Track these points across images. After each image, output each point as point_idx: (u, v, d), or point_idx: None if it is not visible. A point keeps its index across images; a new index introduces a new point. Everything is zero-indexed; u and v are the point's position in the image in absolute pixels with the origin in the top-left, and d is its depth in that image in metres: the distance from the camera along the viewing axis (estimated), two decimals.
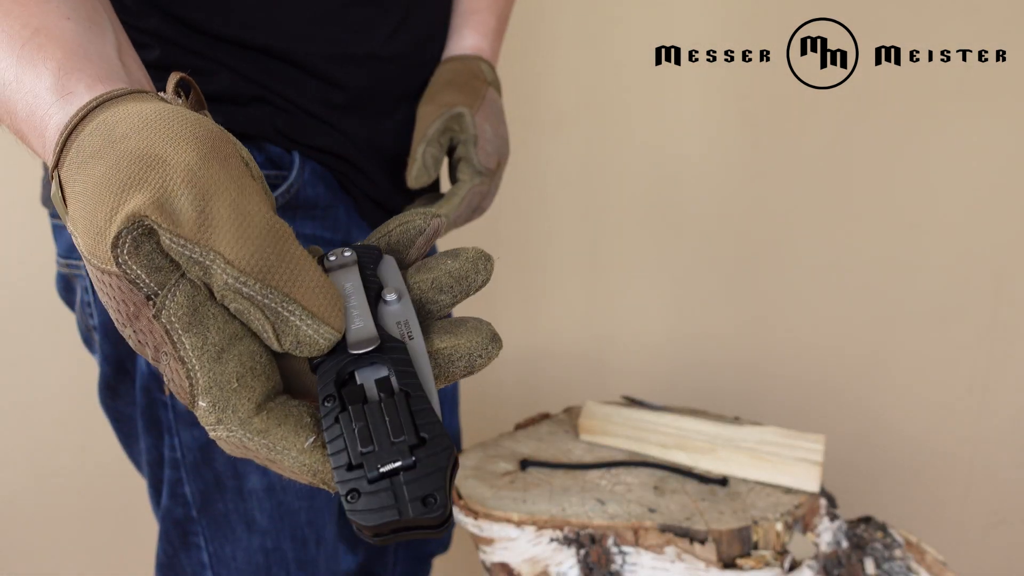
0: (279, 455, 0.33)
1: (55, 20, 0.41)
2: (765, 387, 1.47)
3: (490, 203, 0.79)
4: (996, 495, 1.50)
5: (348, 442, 0.32)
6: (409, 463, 0.32)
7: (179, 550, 0.73)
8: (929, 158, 1.36)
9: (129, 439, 0.77)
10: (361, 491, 0.32)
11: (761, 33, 1.24)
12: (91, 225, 0.34)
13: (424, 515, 0.31)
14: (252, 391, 0.33)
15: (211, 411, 0.33)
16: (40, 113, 0.39)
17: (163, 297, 0.33)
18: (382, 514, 0.31)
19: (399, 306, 0.37)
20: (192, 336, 0.33)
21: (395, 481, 0.32)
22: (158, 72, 0.66)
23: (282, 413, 0.33)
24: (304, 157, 0.71)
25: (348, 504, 0.31)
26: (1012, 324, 1.41)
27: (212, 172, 0.34)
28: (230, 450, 0.34)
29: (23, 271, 1.29)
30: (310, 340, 0.33)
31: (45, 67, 0.40)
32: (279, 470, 0.34)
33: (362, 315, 0.35)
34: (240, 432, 0.33)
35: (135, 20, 0.65)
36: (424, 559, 1.02)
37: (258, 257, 0.33)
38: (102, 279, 0.34)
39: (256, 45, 0.67)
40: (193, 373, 0.33)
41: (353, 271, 0.38)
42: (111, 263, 0.33)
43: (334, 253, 0.38)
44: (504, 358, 1.51)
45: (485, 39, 0.81)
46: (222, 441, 0.34)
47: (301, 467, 0.33)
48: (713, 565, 0.76)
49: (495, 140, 0.77)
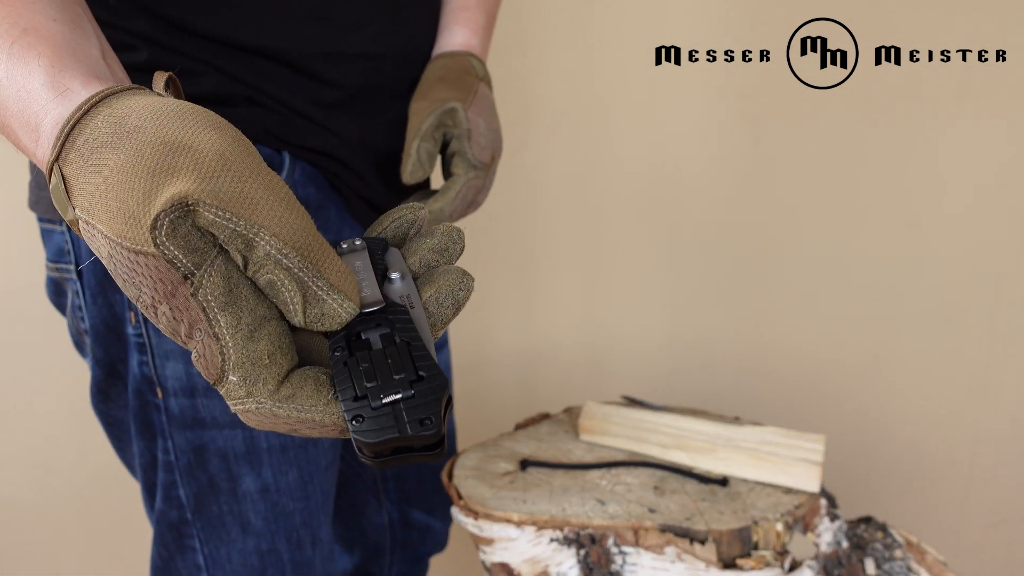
0: (308, 413, 0.36)
1: (43, 21, 0.43)
2: (765, 387, 1.47)
3: (485, 197, 0.79)
4: (996, 495, 1.50)
5: (354, 379, 0.36)
6: (409, 395, 0.36)
7: (174, 553, 0.73)
8: (929, 158, 1.36)
9: (122, 443, 0.76)
10: (365, 416, 0.35)
11: (761, 33, 1.24)
12: (122, 209, 0.35)
13: (421, 433, 0.35)
14: (280, 367, 0.36)
15: (241, 384, 0.36)
16: (34, 108, 0.40)
17: (200, 276, 0.35)
18: (383, 432, 0.35)
19: (402, 284, 0.41)
20: (227, 315, 0.35)
21: (396, 407, 0.36)
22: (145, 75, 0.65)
23: (302, 378, 0.37)
24: (294, 158, 0.70)
25: (353, 427, 0.35)
26: (1012, 324, 1.41)
27: (241, 156, 0.36)
28: (255, 422, 0.37)
29: (20, 272, 1.29)
30: (334, 313, 0.37)
31: (37, 64, 0.41)
32: (308, 431, 0.37)
33: (370, 286, 0.40)
34: (270, 403, 0.36)
35: (122, 21, 0.64)
36: (421, 559, 1.01)
37: (298, 233, 0.36)
38: (136, 260, 0.36)
39: (245, 45, 0.66)
40: (227, 350, 0.35)
41: (363, 255, 0.42)
42: (149, 244, 0.35)
43: (346, 242, 0.42)
44: (504, 358, 1.51)
45: (475, 35, 0.81)
46: (249, 413, 0.36)
47: (331, 416, 0.36)
48: (713, 565, 0.76)
49: (489, 134, 0.77)
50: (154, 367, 0.68)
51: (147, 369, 0.68)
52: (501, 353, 1.49)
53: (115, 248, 0.36)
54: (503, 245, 1.45)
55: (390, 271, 0.41)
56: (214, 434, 0.69)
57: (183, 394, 0.69)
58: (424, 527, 0.98)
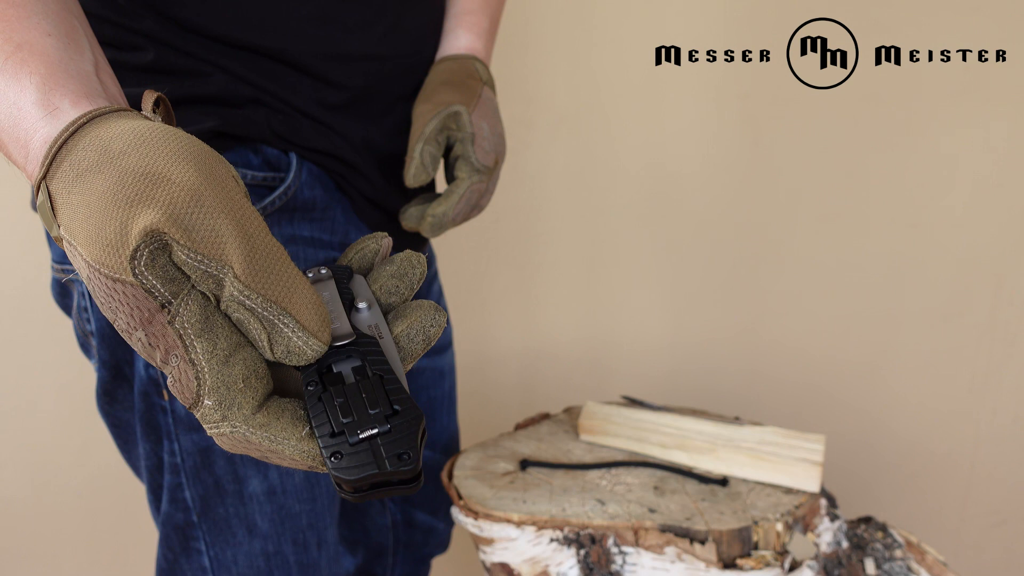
0: (280, 445, 0.36)
1: (37, 36, 0.43)
2: (765, 387, 1.47)
3: (488, 201, 0.79)
4: (996, 495, 1.50)
5: (330, 415, 0.37)
6: (385, 429, 0.36)
7: (180, 555, 0.73)
8: (929, 158, 1.36)
9: (128, 444, 0.76)
10: (343, 452, 0.36)
11: (761, 33, 1.24)
12: (99, 237, 0.36)
13: (400, 468, 0.35)
14: (255, 392, 0.37)
15: (216, 409, 0.36)
16: (25, 125, 0.41)
17: (177, 305, 0.36)
18: (362, 469, 0.35)
19: (369, 313, 0.41)
20: (203, 341, 0.36)
21: (373, 443, 0.36)
22: (152, 75, 0.66)
23: (279, 408, 0.37)
24: (301, 159, 0.70)
25: (332, 463, 0.35)
26: (1012, 324, 1.41)
27: (214, 191, 0.37)
28: (229, 446, 0.37)
29: (23, 272, 1.29)
30: (299, 350, 0.37)
31: (29, 81, 0.41)
32: (278, 460, 0.37)
33: (338, 317, 0.40)
34: (244, 427, 0.36)
35: (129, 21, 0.64)
36: (423, 560, 1.01)
37: (262, 273, 0.36)
38: (113, 287, 0.36)
39: (250, 45, 0.66)
40: (202, 375, 0.36)
41: (330, 284, 0.42)
42: (127, 273, 0.35)
43: (312, 271, 0.43)
44: (504, 358, 1.51)
45: (479, 39, 0.81)
46: (224, 437, 0.37)
47: (301, 453, 0.36)
48: (713, 565, 0.76)
49: (492, 138, 0.77)
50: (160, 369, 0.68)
51: (153, 371, 0.68)
52: (501, 353, 1.49)
53: (93, 272, 0.37)
54: (503, 245, 1.45)
55: (356, 300, 0.42)
56: None
57: None
58: (427, 528, 0.98)
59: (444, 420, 0.96)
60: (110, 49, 0.65)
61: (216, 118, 0.66)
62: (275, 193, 0.69)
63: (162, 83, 0.65)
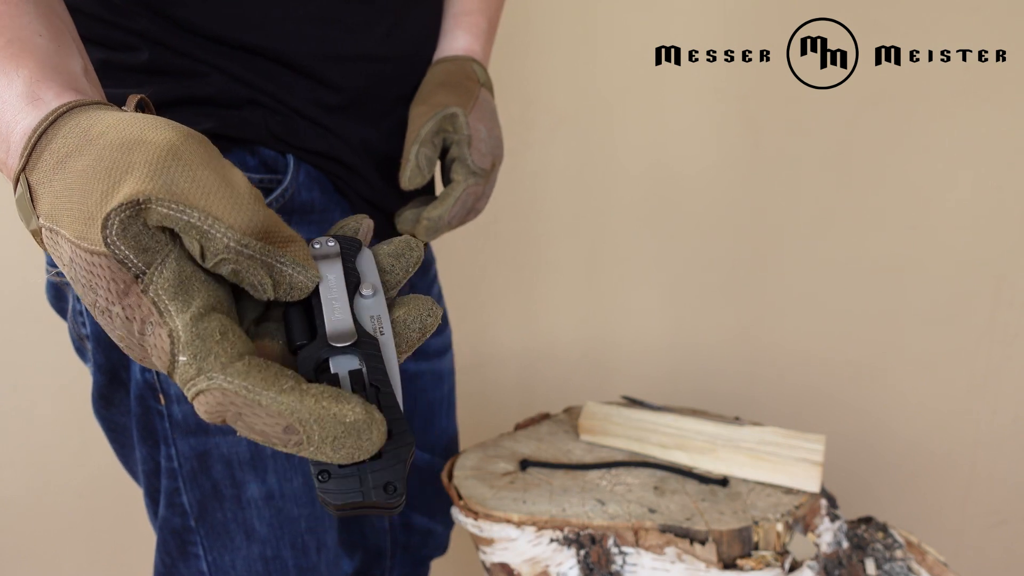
0: (257, 396, 0.34)
1: (28, 35, 0.44)
2: (765, 387, 1.47)
3: (485, 204, 0.79)
4: (997, 496, 1.50)
5: None
6: (375, 455, 0.36)
7: (177, 560, 0.72)
8: (929, 158, 1.36)
9: (124, 449, 0.76)
10: (332, 473, 0.35)
11: (761, 33, 1.24)
12: (82, 211, 0.36)
13: (386, 501, 0.35)
14: (233, 345, 0.36)
15: (192, 363, 0.35)
16: (7, 118, 0.41)
17: (151, 274, 0.36)
18: (348, 496, 0.35)
19: (373, 301, 0.40)
20: (177, 303, 0.36)
21: (362, 468, 0.35)
22: (147, 76, 0.65)
23: (261, 364, 0.36)
24: (299, 160, 0.70)
25: (319, 483, 0.35)
26: (1012, 325, 1.41)
27: (192, 147, 0.37)
28: (206, 405, 0.36)
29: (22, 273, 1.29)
30: (301, 284, 0.39)
31: (17, 75, 0.41)
32: (254, 418, 0.35)
33: (341, 307, 0.39)
34: (221, 376, 0.35)
35: (124, 20, 0.64)
36: (422, 562, 1.01)
37: (255, 219, 0.37)
38: (93, 261, 0.36)
39: (249, 45, 0.66)
40: (175, 333, 0.35)
41: (336, 263, 0.41)
42: (101, 243, 0.35)
43: (319, 241, 0.42)
44: (504, 358, 1.51)
45: (477, 41, 0.81)
46: (201, 397, 0.35)
47: (280, 405, 0.34)
48: (713, 566, 0.76)
49: (489, 140, 0.76)
50: (157, 373, 0.68)
51: (150, 375, 0.68)
52: (501, 353, 1.49)
53: (75, 251, 0.37)
54: (503, 245, 1.45)
55: (362, 285, 0.41)
56: (218, 440, 0.69)
57: (186, 400, 0.68)
58: (425, 531, 0.98)
59: (443, 423, 0.96)
60: (103, 49, 0.65)
61: (213, 119, 0.65)
62: (273, 195, 0.69)
63: (157, 83, 0.65)
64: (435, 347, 0.93)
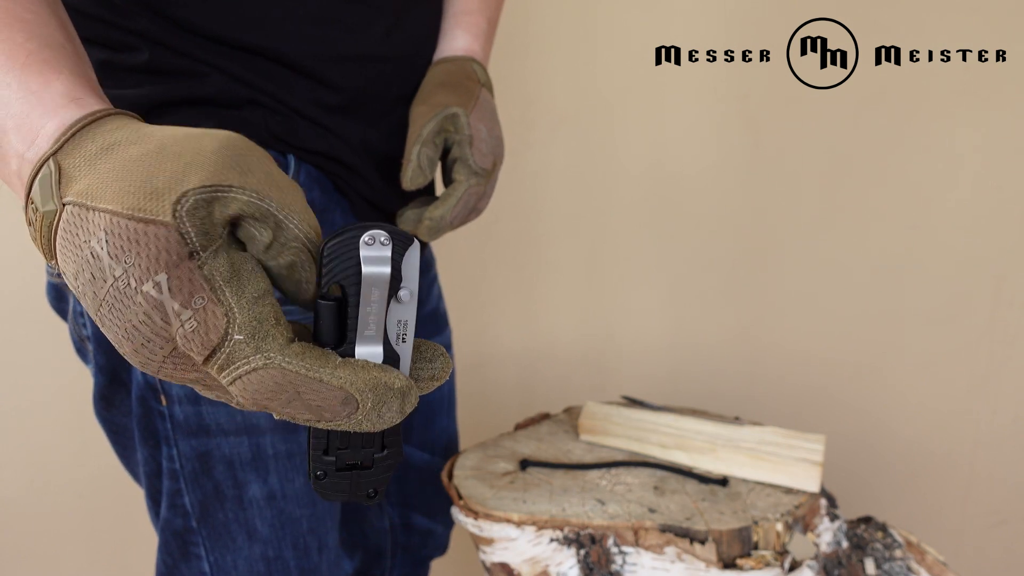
0: (316, 373, 0.37)
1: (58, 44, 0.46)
2: (765, 387, 1.47)
3: (486, 204, 0.79)
4: (996, 495, 1.50)
5: (330, 436, 0.41)
6: (368, 464, 0.42)
7: (179, 561, 0.73)
8: (929, 158, 1.36)
9: (126, 450, 0.76)
10: (328, 474, 0.42)
11: (761, 33, 1.24)
12: (141, 188, 0.37)
13: (366, 502, 0.43)
14: (287, 329, 0.38)
15: (250, 342, 0.36)
16: (42, 111, 0.42)
17: (208, 254, 0.37)
18: (336, 495, 0.42)
19: (406, 306, 0.40)
20: (233, 285, 0.37)
21: (353, 474, 0.41)
22: (147, 76, 0.65)
23: (309, 346, 0.38)
24: (299, 161, 0.70)
25: (315, 479, 0.42)
26: (1012, 325, 1.41)
27: (252, 145, 0.40)
28: (255, 385, 0.37)
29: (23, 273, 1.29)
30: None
31: (56, 79, 0.43)
32: (312, 395, 0.37)
33: (376, 325, 0.39)
34: (280, 357, 0.36)
35: (124, 20, 0.64)
36: (422, 562, 1.01)
37: (314, 218, 0.40)
38: (144, 231, 0.37)
39: (249, 45, 0.66)
40: (232, 313, 0.36)
41: (385, 269, 0.38)
42: (167, 215, 0.36)
43: (371, 235, 0.38)
44: (504, 358, 1.51)
45: (476, 41, 0.81)
46: (255, 374, 0.37)
47: (339, 380, 0.37)
48: (713, 565, 0.76)
49: (490, 140, 0.76)
50: None
51: (151, 376, 0.68)
52: (501, 353, 1.49)
53: (117, 222, 0.37)
54: (504, 245, 1.45)
55: (402, 291, 0.40)
56: (219, 441, 0.69)
57: (188, 401, 0.68)
58: (425, 531, 0.98)
59: (443, 423, 0.96)
60: (104, 49, 0.65)
61: (213, 120, 0.65)
62: None
63: (157, 84, 0.65)
64: None
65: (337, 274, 0.38)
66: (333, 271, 0.38)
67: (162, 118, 0.65)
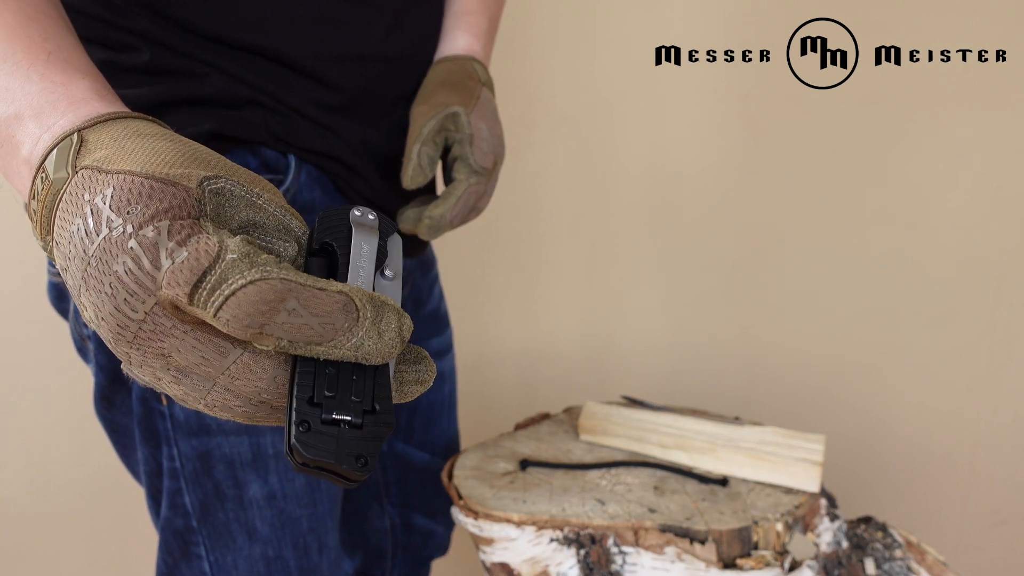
0: (315, 282, 0.35)
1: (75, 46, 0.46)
2: (765, 387, 1.47)
3: (487, 203, 0.79)
4: (996, 495, 1.50)
5: (317, 379, 0.36)
6: (357, 422, 0.36)
7: (179, 560, 0.73)
8: (929, 158, 1.36)
9: (126, 449, 0.76)
10: (312, 426, 0.35)
11: (761, 33, 1.24)
12: (174, 159, 0.38)
13: (353, 469, 0.35)
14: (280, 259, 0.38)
15: (244, 259, 0.35)
16: (69, 100, 0.42)
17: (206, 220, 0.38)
18: (320, 452, 0.35)
19: (391, 284, 0.41)
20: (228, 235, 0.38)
21: (341, 431, 0.36)
22: (147, 76, 0.65)
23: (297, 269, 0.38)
24: (300, 160, 0.70)
25: (298, 432, 0.35)
26: (1012, 324, 1.41)
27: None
28: (257, 298, 0.34)
29: (23, 272, 1.29)
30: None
31: (83, 78, 0.44)
32: (314, 303, 0.35)
33: (365, 278, 0.40)
34: (276, 270, 0.35)
35: (124, 20, 0.64)
36: (422, 563, 1.01)
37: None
38: (162, 188, 0.37)
39: (249, 45, 0.66)
40: (225, 242, 0.35)
41: (373, 236, 0.41)
42: (191, 182, 0.38)
43: (360, 209, 0.42)
44: (505, 358, 1.51)
45: (477, 40, 0.81)
46: (252, 287, 0.34)
47: (337, 287, 0.36)
48: (713, 565, 0.76)
49: (491, 139, 0.76)
50: None
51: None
52: (502, 353, 1.49)
53: (130, 180, 0.37)
54: (504, 245, 1.45)
55: (386, 266, 0.41)
56: (220, 441, 0.69)
57: None
58: (426, 531, 0.98)
59: (444, 423, 0.96)
60: (104, 49, 0.65)
61: (214, 120, 0.66)
62: None
63: (158, 84, 0.65)
64: (436, 347, 0.93)
65: (328, 232, 0.40)
66: (325, 230, 0.40)
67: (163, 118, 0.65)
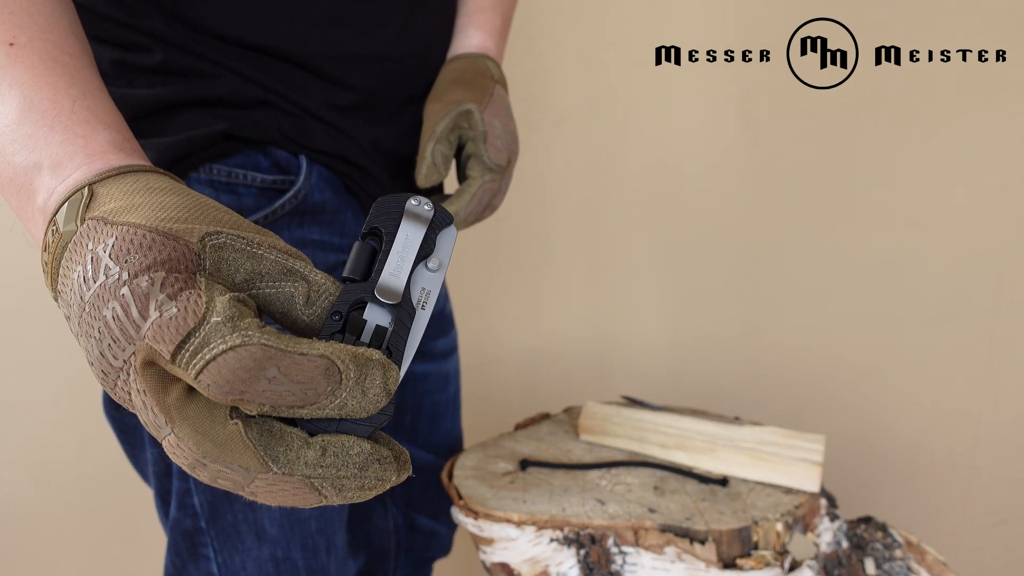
0: (296, 347, 0.35)
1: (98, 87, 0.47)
2: (765, 387, 1.47)
3: (501, 200, 0.78)
4: (996, 495, 1.50)
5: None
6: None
7: (188, 561, 0.72)
8: (929, 158, 1.36)
9: (135, 450, 0.76)
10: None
11: (761, 33, 1.24)
12: (173, 216, 0.39)
13: None
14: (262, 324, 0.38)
15: (227, 323, 0.35)
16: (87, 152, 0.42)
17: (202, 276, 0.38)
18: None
19: (433, 276, 0.41)
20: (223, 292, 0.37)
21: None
22: (160, 76, 0.65)
23: (281, 331, 0.37)
24: (311, 161, 0.70)
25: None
26: (1012, 324, 1.41)
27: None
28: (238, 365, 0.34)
29: (23, 271, 1.29)
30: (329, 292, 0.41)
31: (103, 129, 0.44)
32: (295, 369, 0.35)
33: (402, 267, 0.40)
34: (258, 335, 0.35)
35: (137, 21, 0.64)
36: (426, 563, 1.01)
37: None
38: (162, 242, 0.38)
39: (260, 46, 0.66)
40: (212, 301, 0.36)
41: (422, 228, 0.42)
42: (193, 238, 0.38)
43: (417, 199, 0.42)
44: (505, 358, 1.51)
45: (491, 38, 0.81)
46: (233, 353, 0.34)
47: (318, 351, 0.36)
48: (713, 565, 0.76)
49: (505, 136, 0.76)
50: None
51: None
52: (502, 353, 1.49)
53: (132, 231, 0.37)
54: (506, 245, 1.45)
55: (430, 259, 0.41)
56: None
57: None
58: (429, 532, 0.98)
59: (448, 425, 0.96)
60: (117, 49, 0.65)
61: (225, 120, 0.66)
62: (285, 196, 0.68)
63: (170, 84, 0.65)
64: (441, 348, 0.93)
65: (380, 217, 0.41)
66: (378, 215, 0.41)
67: (174, 118, 0.65)
